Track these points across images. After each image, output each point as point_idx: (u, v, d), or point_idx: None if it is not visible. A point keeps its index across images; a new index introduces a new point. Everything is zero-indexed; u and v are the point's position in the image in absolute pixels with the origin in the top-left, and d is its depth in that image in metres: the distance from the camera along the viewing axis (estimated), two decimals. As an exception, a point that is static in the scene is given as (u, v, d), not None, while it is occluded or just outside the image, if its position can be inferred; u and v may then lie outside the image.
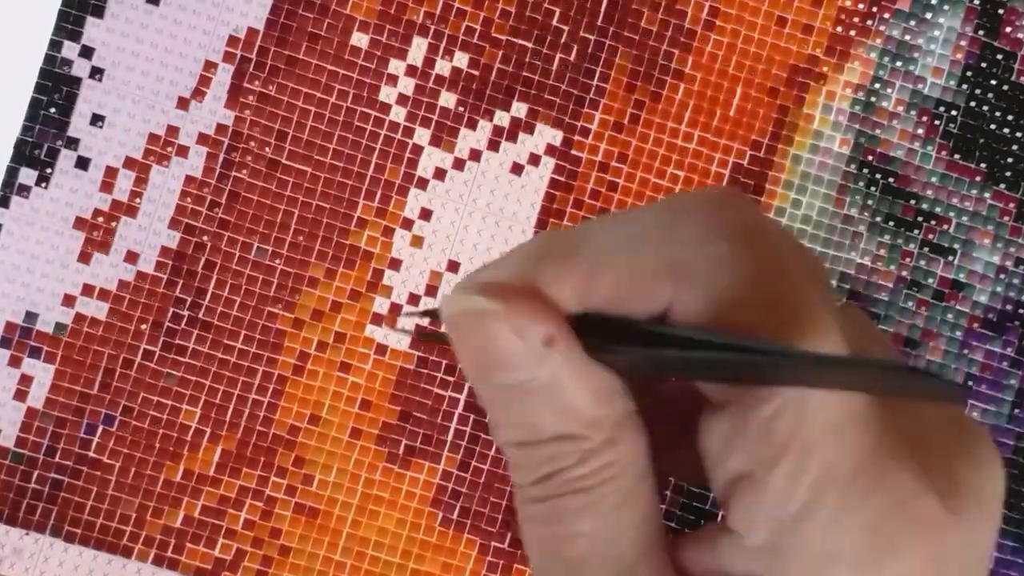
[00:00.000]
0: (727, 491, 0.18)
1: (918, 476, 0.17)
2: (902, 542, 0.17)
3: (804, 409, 0.17)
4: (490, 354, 0.18)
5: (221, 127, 0.44)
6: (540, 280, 0.18)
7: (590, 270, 0.18)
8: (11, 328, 0.43)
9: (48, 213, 0.43)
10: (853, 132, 0.45)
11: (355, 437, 0.44)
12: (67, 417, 0.43)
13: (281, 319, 0.44)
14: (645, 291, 0.18)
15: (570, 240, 0.19)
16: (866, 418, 0.17)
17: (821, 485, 0.17)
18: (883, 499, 0.17)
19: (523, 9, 0.45)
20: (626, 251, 0.18)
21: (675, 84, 0.45)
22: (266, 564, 0.44)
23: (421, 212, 0.44)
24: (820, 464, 0.17)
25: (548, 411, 0.18)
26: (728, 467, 0.18)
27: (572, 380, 0.18)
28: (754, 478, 0.17)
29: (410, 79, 0.44)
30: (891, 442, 0.17)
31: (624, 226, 0.19)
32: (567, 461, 0.18)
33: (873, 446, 0.17)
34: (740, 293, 0.17)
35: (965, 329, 0.46)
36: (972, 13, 0.46)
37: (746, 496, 0.18)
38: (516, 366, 0.18)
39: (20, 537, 0.43)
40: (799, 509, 0.17)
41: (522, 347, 0.18)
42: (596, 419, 0.18)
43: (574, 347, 0.18)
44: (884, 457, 0.17)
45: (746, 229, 0.18)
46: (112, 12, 0.43)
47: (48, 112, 0.43)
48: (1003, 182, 0.46)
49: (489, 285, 0.18)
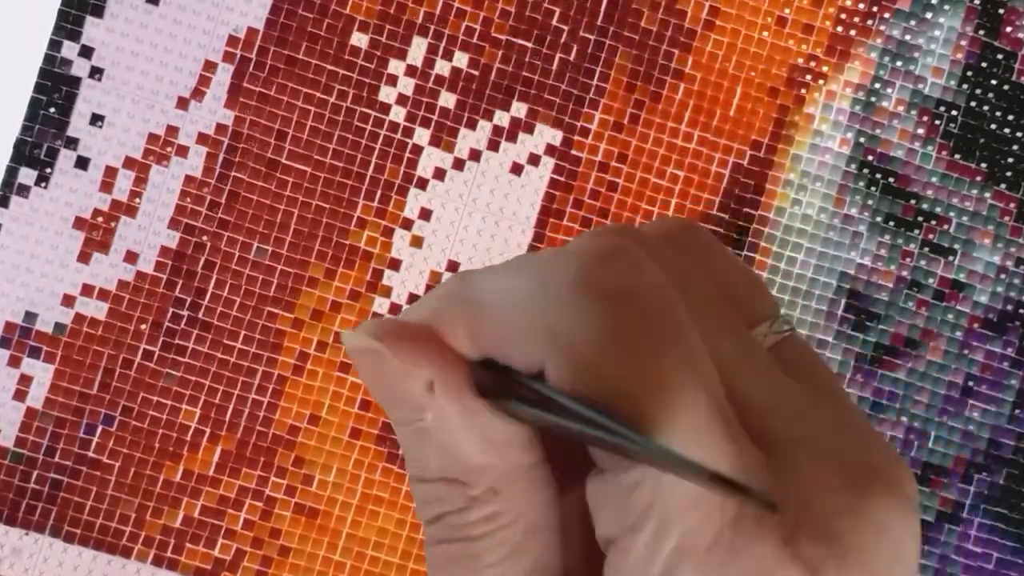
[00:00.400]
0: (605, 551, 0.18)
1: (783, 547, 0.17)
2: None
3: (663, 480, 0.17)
4: (384, 391, 0.18)
5: (221, 127, 0.44)
6: (439, 323, 0.18)
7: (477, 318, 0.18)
8: (11, 328, 0.43)
9: (48, 213, 0.43)
10: (853, 132, 0.45)
11: (355, 437, 0.44)
12: (67, 417, 0.43)
13: (281, 319, 0.44)
14: (521, 348, 0.18)
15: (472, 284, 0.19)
16: None
17: (679, 556, 0.17)
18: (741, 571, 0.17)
19: (523, 9, 0.45)
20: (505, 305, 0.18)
21: (675, 84, 0.45)
22: (266, 564, 0.43)
23: (421, 212, 0.44)
24: (678, 534, 0.17)
25: (435, 453, 0.18)
26: (600, 529, 0.18)
27: (459, 426, 0.18)
28: (618, 544, 0.17)
29: (410, 79, 0.44)
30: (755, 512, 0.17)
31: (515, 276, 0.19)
32: (453, 505, 0.18)
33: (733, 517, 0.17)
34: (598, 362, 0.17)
35: (965, 329, 0.46)
36: (972, 13, 0.46)
37: (613, 561, 0.18)
38: (406, 406, 0.18)
39: (20, 537, 0.43)
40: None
41: (410, 389, 0.18)
42: (479, 467, 0.18)
43: (460, 394, 0.18)
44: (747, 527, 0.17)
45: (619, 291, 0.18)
46: (112, 12, 0.43)
47: (48, 112, 0.43)
48: (1003, 182, 0.46)
49: (386, 324, 0.18)
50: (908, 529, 0.18)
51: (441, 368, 0.18)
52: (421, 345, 0.18)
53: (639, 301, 0.18)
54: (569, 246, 0.19)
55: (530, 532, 0.18)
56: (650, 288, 0.18)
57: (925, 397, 0.45)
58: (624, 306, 0.17)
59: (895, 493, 0.18)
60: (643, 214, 0.45)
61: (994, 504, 0.46)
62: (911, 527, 0.18)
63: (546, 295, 0.18)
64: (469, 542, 0.18)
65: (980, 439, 0.46)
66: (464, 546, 0.18)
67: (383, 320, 0.19)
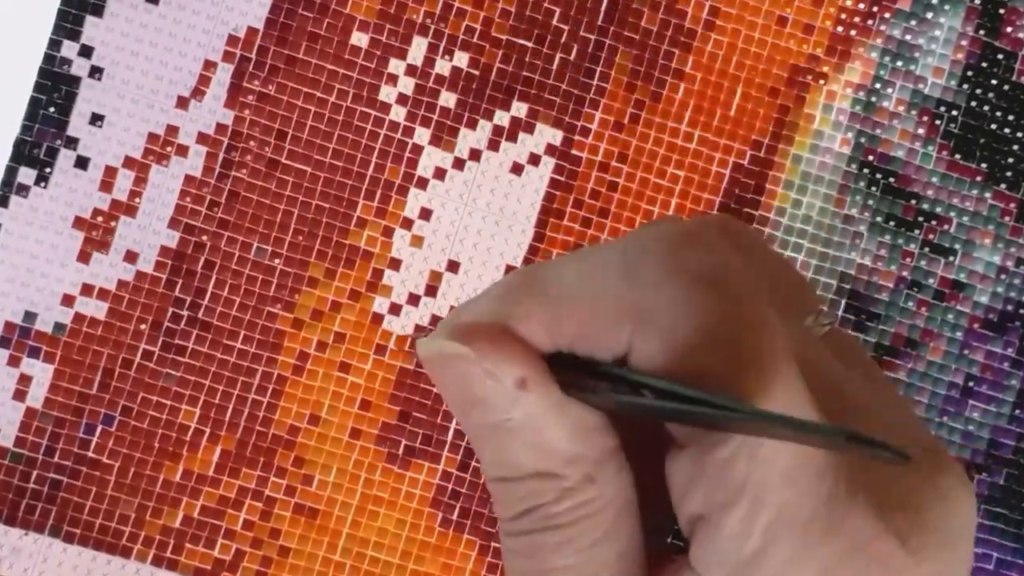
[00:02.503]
0: (689, 530, 0.18)
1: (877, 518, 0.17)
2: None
3: (758, 455, 0.17)
4: (467, 396, 0.18)
5: (221, 126, 0.44)
6: (511, 319, 0.18)
7: (555, 311, 0.18)
8: (10, 328, 0.43)
9: (47, 213, 0.43)
10: (854, 132, 0.45)
11: (355, 437, 0.44)
12: (66, 417, 0.43)
13: (281, 319, 0.44)
14: (606, 334, 0.18)
15: (539, 278, 0.19)
16: (820, 464, 0.17)
17: (775, 530, 0.17)
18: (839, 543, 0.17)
19: (523, 9, 0.45)
20: (588, 292, 0.18)
21: (675, 84, 0.45)
22: (265, 564, 0.43)
23: (421, 212, 0.44)
24: (774, 509, 0.17)
25: (525, 450, 0.18)
26: (688, 507, 0.18)
27: (548, 419, 0.18)
28: (710, 520, 0.17)
29: (410, 79, 0.44)
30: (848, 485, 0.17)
31: (588, 265, 0.19)
32: (545, 498, 0.18)
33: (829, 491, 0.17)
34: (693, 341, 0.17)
35: (965, 329, 0.46)
36: (973, 13, 0.46)
37: (703, 538, 0.18)
38: (491, 407, 0.18)
39: (19, 537, 0.43)
40: (753, 553, 0.17)
41: (496, 389, 0.18)
42: (573, 457, 0.18)
43: (548, 387, 0.18)
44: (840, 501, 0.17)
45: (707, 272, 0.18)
46: (111, 11, 0.43)
47: (47, 111, 0.43)
48: (1004, 182, 0.46)
49: (461, 326, 0.18)
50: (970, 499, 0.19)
51: (531, 363, 0.18)
52: (506, 344, 0.18)
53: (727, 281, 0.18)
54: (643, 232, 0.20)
55: (620, 515, 0.19)
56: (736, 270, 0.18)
57: (925, 397, 0.45)
58: (714, 285, 0.18)
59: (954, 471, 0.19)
60: (643, 214, 0.45)
61: (994, 504, 0.46)
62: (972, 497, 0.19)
63: (634, 279, 0.18)
64: (560, 530, 0.18)
65: (980, 439, 0.46)
66: (554, 534, 0.18)
67: (456, 324, 0.18)
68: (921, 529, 0.18)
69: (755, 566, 0.17)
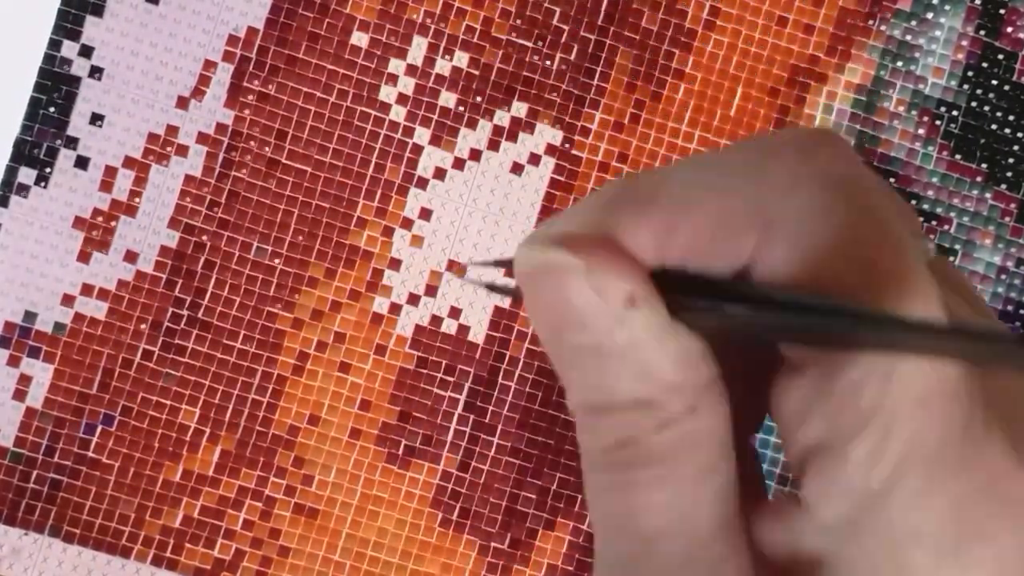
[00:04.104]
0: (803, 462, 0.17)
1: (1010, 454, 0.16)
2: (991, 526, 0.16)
3: (891, 377, 0.15)
4: (566, 313, 0.16)
5: (221, 126, 0.44)
6: (618, 230, 0.16)
7: (668, 218, 0.16)
8: (10, 328, 0.43)
9: (47, 212, 0.43)
10: (854, 132, 0.45)
11: (355, 437, 0.44)
12: (66, 417, 0.43)
13: (281, 319, 0.44)
14: (728, 241, 0.16)
15: (648, 184, 0.17)
16: (958, 390, 0.16)
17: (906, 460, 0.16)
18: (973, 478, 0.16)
19: (523, 9, 0.45)
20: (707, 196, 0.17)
21: (675, 84, 0.45)
22: (265, 565, 0.43)
23: (421, 212, 0.44)
24: (906, 437, 0.15)
25: (626, 375, 0.16)
26: (805, 435, 0.16)
27: (654, 343, 0.16)
28: (833, 449, 0.16)
29: (410, 79, 0.44)
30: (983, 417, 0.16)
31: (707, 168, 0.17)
32: (644, 428, 0.17)
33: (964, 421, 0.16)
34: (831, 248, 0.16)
35: (966, 329, 0.46)
36: (973, 13, 0.46)
37: (824, 468, 0.16)
38: (594, 326, 0.16)
39: (19, 537, 0.43)
40: (882, 484, 0.16)
41: (602, 306, 0.16)
42: (678, 385, 0.16)
43: (657, 307, 0.16)
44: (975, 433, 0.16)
45: (842, 177, 0.16)
46: (112, 11, 0.43)
47: (47, 111, 0.43)
48: (1004, 182, 0.46)
49: (567, 235, 0.16)
50: None
51: (641, 280, 0.16)
52: (615, 255, 0.16)
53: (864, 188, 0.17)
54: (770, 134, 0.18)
55: (719, 449, 0.17)
56: (870, 177, 0.17)
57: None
58: (850, 191, 0.16)
59: None
60: (643, 214, 0.45)
61: (994, 505, 0.46)
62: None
63: (762, 180, 0.16)
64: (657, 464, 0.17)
65: (980, 439, 0.46)
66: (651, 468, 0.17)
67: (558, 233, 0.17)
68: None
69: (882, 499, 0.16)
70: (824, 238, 0.16)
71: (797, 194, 0.16)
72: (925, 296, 0.16)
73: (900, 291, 0.15)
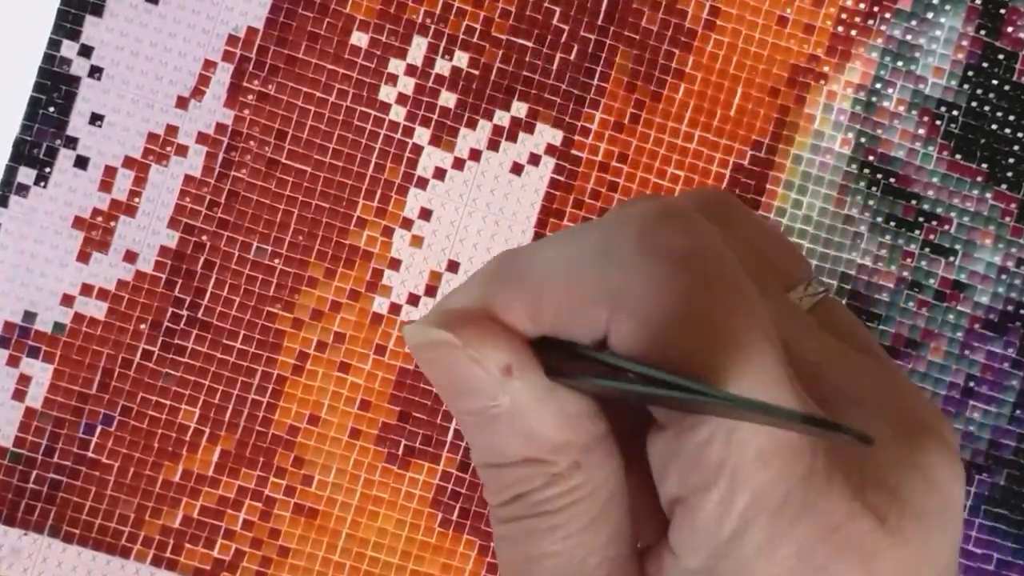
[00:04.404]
0: (669, 511, 0.18)
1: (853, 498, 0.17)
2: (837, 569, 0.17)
3: (734, 437, 0.17)
4: (454, 383, 0.18)
5: (220, 126, 0.44)
6: (495, 306, 0.18)
7: (534, 295, 0.18)
8: (9, 328, 0.43)
9: (47, 212, 0.43)
10: (854, 132, 0.45)
11: (354, 437, 0.44)
12: (66, 417, 0.43)
13: (280, 319, 0.44)
14: (583, 317, 0.18)
15: (520, 262, 0.18)
16: (797, 445, 0.17)
17: (752, 512, 0.17)
18: (814, 524, 0.17)
19: (523, 9, 0.45)
20: (564, 274, 0.18)
21: (675, 84, 0.45)
22: (265, 565, 0.43)
23: (421, 212, 0.44)
24: (750, 491, 0.17)
25: (513, 436, 0.18)
26: (667, 488, 0.18)
27: (535, 406, 0.18)
28: (688, 502, 0.17)
29: (410, 79, 0.44)
30: (825, 466, 0.17)
31: (566, 247, 0.18)
32: (534, 484, 0.18)
33: (804, 472, 0.17)
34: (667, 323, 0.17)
35: (966, 330, 0.46)
36: (973, 13, 0.46)
37: (682, 519, 0.18)
38: (478, 393, 0.18)
39: (19, 537, 0.43)
40: (730, 535, 0.17)
41: (483, 376, 0.18)
42: (561, 444, 0.18)
43: (534, 373, 0.18)
44: (817, 481, 0.17)
45: (682, 250, 0.17)
46: (111, 11, 0.43)
47: (47, 111, 0.43)
48: (1004, 182, 0.46)
49: (447, 314, 0.18)
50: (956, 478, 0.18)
51: (516, 350, 0.18)
52: (489, 329, 0.18)
53: (703, 260, 0.18)
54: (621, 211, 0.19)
55: (609, 501, 0.18)
56: (712, 248, 0.18)
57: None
58: (689, 265, 0.17)
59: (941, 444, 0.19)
60: (643, 214, 0.45)
61: (994, 505, 0.46)
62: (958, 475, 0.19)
63: (608, 259, 0.18)
64: (549, 516, 0.18)
65: (980, 440, 0.46)
66: (543, 520, 0.18)
67: (442, 311, 0.18)
68: (901, 509, 0.17)
69: (732, 548, 0.17)
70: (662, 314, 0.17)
71: (638, 270, 0.17)
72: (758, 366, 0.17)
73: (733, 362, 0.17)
